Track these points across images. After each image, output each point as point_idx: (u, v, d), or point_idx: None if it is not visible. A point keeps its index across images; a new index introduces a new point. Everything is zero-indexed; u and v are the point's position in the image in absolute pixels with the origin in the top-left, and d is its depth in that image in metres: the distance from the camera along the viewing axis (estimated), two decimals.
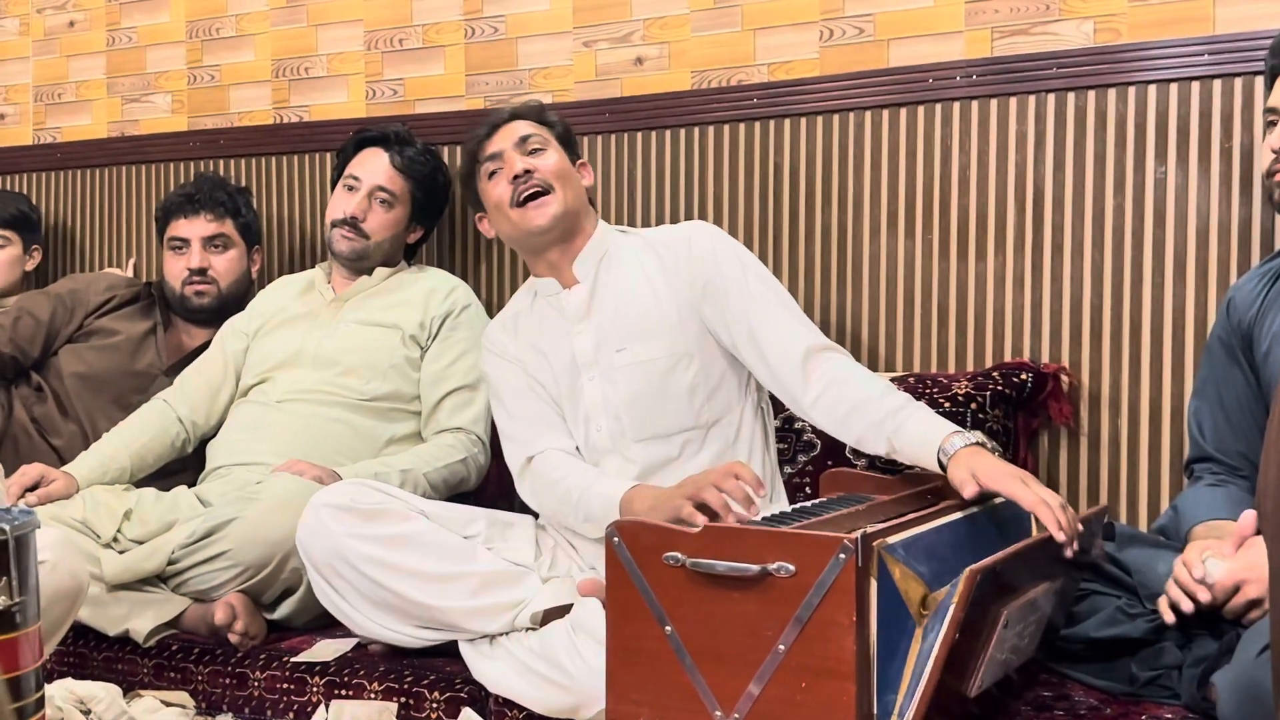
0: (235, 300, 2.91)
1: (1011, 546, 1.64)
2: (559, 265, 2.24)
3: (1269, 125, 1.94)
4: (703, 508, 1.87)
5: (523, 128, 2.26)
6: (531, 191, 2.19)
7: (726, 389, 2.19)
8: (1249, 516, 1.75)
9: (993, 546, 1.75)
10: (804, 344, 2.08)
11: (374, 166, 2.73)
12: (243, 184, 3.12)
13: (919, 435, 1.91)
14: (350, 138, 2.82)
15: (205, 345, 2.84)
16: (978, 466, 1.82)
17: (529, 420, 2.24)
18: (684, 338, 2.16)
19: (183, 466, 2.73)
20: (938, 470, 1.89)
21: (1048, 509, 1.73)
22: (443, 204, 2.85)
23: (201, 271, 2.88)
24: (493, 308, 2.82)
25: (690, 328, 2.17)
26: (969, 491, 1.80)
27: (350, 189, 2.73)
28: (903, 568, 1.56)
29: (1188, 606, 1.73)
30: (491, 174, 2.24)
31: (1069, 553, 1.71)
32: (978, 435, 1.91)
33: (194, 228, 2.89)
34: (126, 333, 2.91)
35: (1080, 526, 1.74)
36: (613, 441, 2.17)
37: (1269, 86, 1.97)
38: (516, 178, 2.20)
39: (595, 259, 2.24)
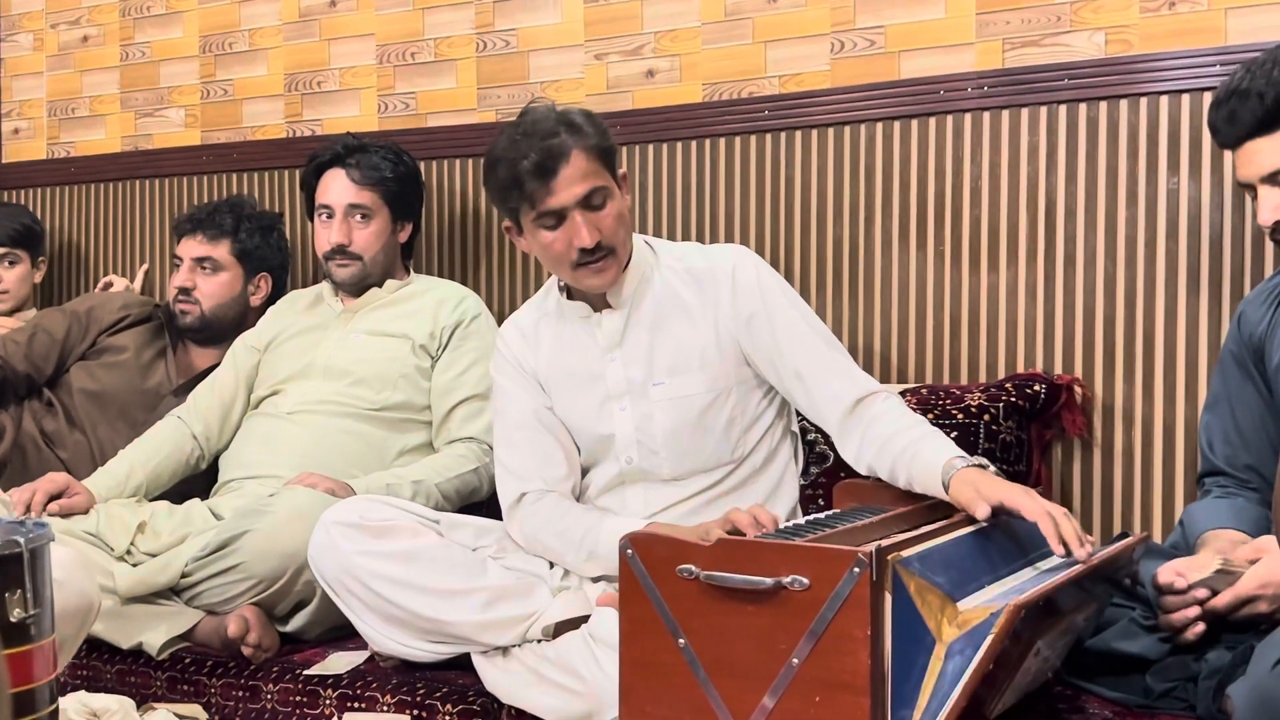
0: (224, 324, 2.91)
1: (1056, 579, 1.63)
2: (595, 290, 2.14)
3: (1251, 196, 1.97)
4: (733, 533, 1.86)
5: (583, 177, 2.03)
6: (595, 259, 2.06)
7: (763, 420, 2.17)
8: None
9: (1011, 557, 1.75)
10: (851, 396, 2.04)
11: (338, 189, 2.72)
12: (255, 197, 3.13)
13: (927, 463, 1.91)
14: (307, 165, 2.81)
15: (214, 367, 2.85)
16: (980, 484, 1.82)
17: (528, 453, 2.18)
18: (724, 372, 2.12)
19: (195, 479, 2.74)
20: (944, 496, 1.88)
21: (1049, 520, 1.73)
22: (419, 191, 2.84)
23: (185, 291, 2.90)
24: (496, 311, 2.81)
25: (730, 361, 2.13)
26: (980, 511, 1.79)
27: (327, 218, 2.73)
28: (919, 580, 1.56)
29: (1198, 627, 1.73)
30: (549, 225, 2.05)
31: (1080, 554, 1.71)
32: (980, 459, 1.90)
33: (187, 247, 2.92)
34: (137, 351, 2.92)
35: (1093, 537, 1.74)
36: (643, 474, 2.15)
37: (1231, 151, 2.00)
38: (585, 250, 2.04)
39: (632, 285, 2.15)
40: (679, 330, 2.14)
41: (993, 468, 1.90)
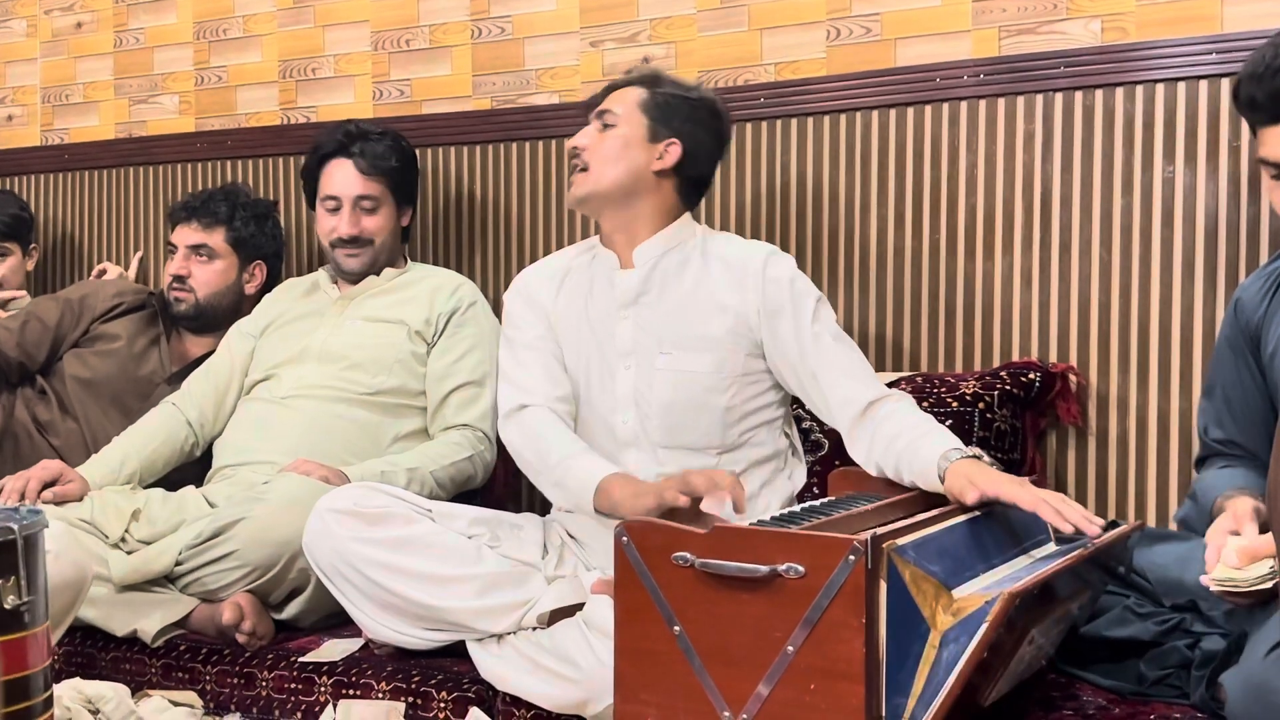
0: (219, 312, 2.90)
1: (1050, 567, 1.63)
2: (620, 242, 2.24)
3: (1273, 177, 1.93)
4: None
5: (617, 98, 2.24)
6: (574, 166, 2.22)
7: (763, 415, 2.18)
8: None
9: (1006, 546, 1.75)
10: (863, 400, 2.06)
11: (344, 179, 2.72)
12: (249, 184, 3.12)
13: (925, 458, 1.92)
14: (310, 155, 2.80)
15: (208, 355, 2.84)
16: (975, 476, 1.84)
17: (535, 371, 2.23)
18: (733, 359, 2.15)
19: (189, 466, 2.74)
20: (940, 490, 1.89)
21: (1048, 506, 1.75)
22: (417, 176, 2.85)
23: (180, 279, 2.89)
24: (491, 298, 2.81)
25: (742, 351, 2.15)
26: (970, 497, 1.81)
27: (333, 209, 2.73)
28: (913, 569, 1.56)
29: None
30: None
31: (1093, 531, 1.72)
32: (974, 450, 1.91)
33: (182, 235, 2.91)
34: (130, 339, 2.91)
35: (1097, 518, 1.75)
36: (635, 438, 2.17)
37: (1253, 132, 1.95)
38: (569, 151, 2.25)
39: (659, 251, 2.21)
40: (698, 310, 2.17)
41: (987, 458, 1.90)
